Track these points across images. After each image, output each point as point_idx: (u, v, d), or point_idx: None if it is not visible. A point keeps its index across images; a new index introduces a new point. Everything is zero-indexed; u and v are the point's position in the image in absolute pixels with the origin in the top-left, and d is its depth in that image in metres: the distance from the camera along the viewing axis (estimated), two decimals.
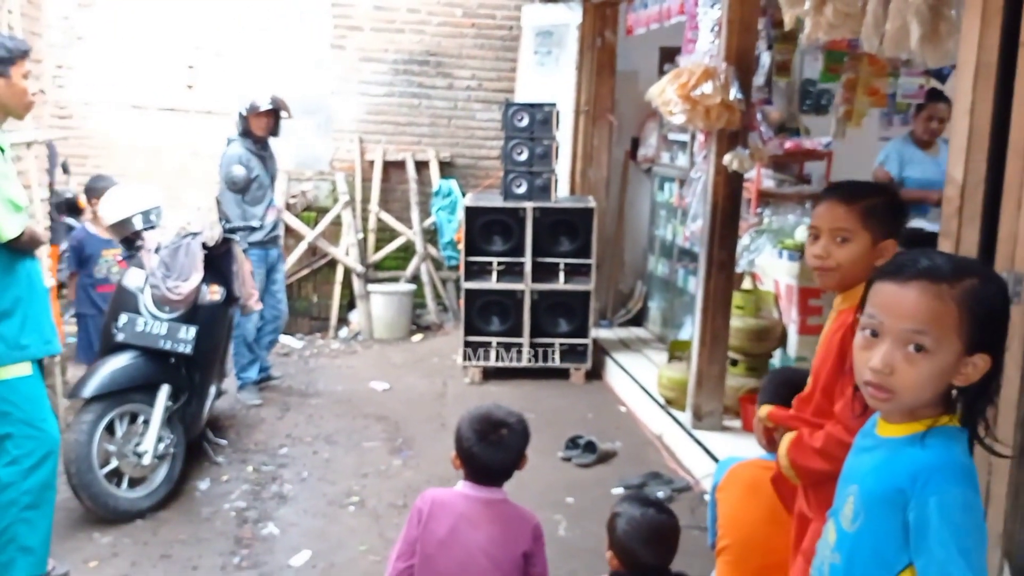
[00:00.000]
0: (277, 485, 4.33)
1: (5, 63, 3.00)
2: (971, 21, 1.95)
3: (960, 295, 1.40)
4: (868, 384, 1.46)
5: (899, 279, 1.44)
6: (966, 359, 1.41)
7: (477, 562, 2.37)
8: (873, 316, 1.45)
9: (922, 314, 1.40)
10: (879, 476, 1.48)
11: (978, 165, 1.91)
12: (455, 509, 2.42)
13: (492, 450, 2.41)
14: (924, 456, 1.42)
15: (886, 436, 1.51)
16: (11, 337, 3.01)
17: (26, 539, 3.09)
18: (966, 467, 1.42)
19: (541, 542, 2.45)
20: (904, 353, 1.41)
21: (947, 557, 1.35)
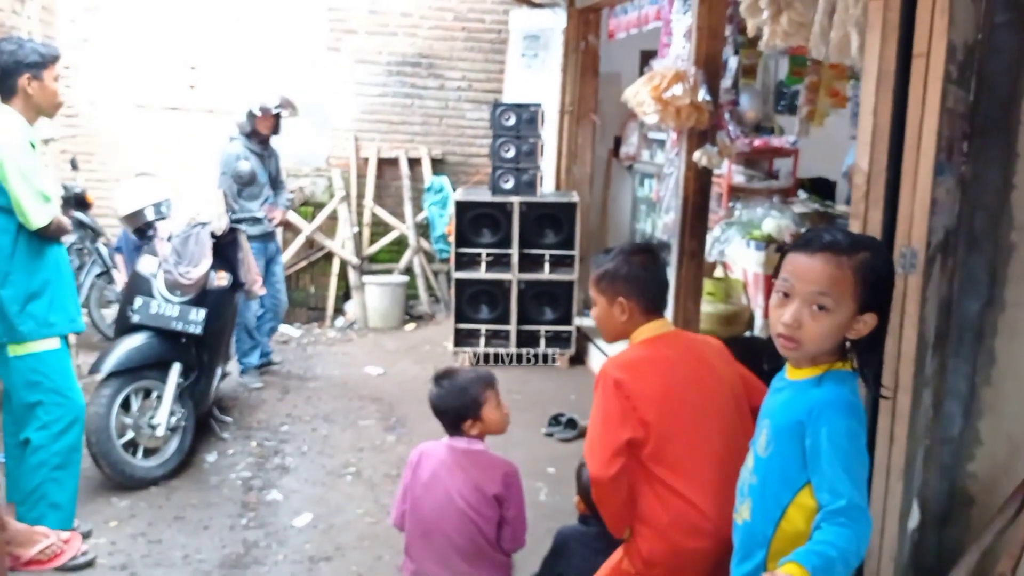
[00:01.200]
0: (279, 458, 4.65)
1: (39, 67, 3.32)
2: (873, 36, 2.29)
3: (856, 265, 1.74)
4: (780, 336, 1.80)
5: (808, 251, 1.78)
6: (858, 317, 1.75)
7: (453, 503, 2.72)
8: (786, 280, 1.79)
9: (825, 280, 1.73)
10: (785, 411, 1.82)
11: (880, 156, 2.25)
12: (437, 457, 2.78)
13: (441, 393, 2.78)
14: (819, 394, 1.76)
15: (792, 379, 1.85)
16: (40, 315, 3.33)
17: (55, 496, 3.42)
18: (852, 403, 1.76)
19: (514, 488, 2.78)
20: (810, 311, 1.75)
21: (834, 475, 1.68)
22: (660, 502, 2.25)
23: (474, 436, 2.80)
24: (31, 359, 3.33)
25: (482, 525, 2.75)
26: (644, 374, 2.29)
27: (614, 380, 2.27)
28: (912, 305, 2.18)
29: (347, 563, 3.59)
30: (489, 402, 2.80)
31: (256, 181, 5.69)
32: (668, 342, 2.39)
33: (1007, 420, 2.41)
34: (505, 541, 2.78)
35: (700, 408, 2.28)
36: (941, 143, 2.18)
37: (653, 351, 2.37)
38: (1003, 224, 2.42)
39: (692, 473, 2.23)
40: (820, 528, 1.63)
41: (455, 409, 2.78)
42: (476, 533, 2.75)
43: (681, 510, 2.21)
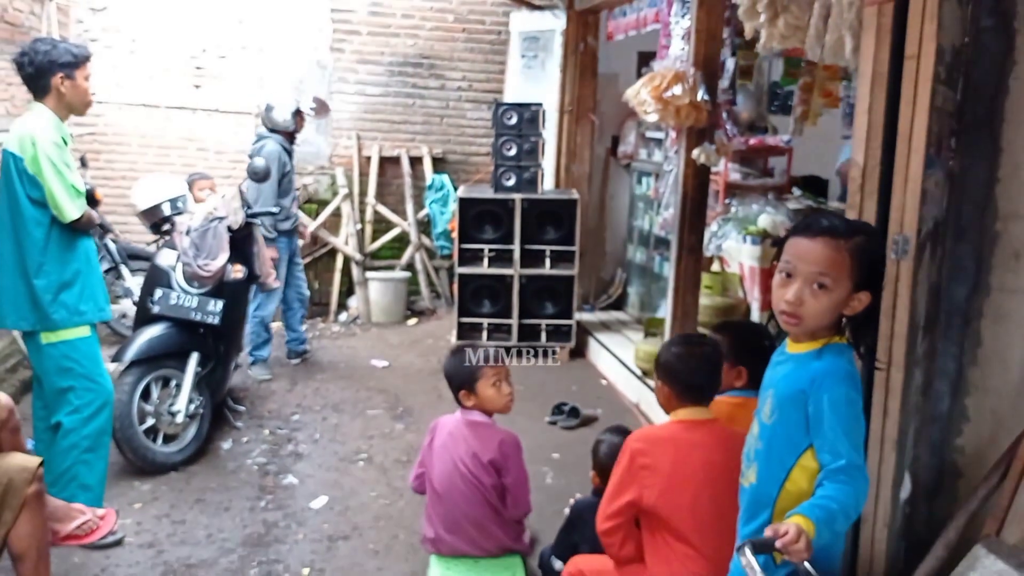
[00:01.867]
0: (292, 445, 4.81)
1: (72, 67, 3.47)
2: (867, 40, 2.47)
3: (852, 248, 1.91)
4: (783, 313, 1.97)
5: (808, 235, 1.95)
6: (854, 295, 1.92)
7: (457, 470, 2.92)
8: (789, 262, 1.96)
9: (824, 261, 1.91)
10: (788, 382, 1.99)
11: (875, 152, 2.43)
12: (447, 428, 3.00)
13: (449, 361, 2.99)
14: (820, 365, 1.93)
15: (793, 352, 2.02)
16: (72, 304, 3.48)
17: (85, 478, 3.57)
18: (851, 372, 1.94)
19: (511, 456, 2.95)
20: (811, 290, 1.92)
21: (835, 437, 1.86)
22: (662, 557, 2.45)
23: (469, 407, 2.98)
24: (63, 346, 3.47)
25: (484, 491, 2.93)
26: (660, 449, 2.49)
27: (632, 449, 2.50)
28: (904, 288, 2.36)
29: (364, 541, 3.75)
30: (485, 378, 2.98)
31: (289, 178, 5.88)
32: (694, 427, 2.55)
33: (991, 397, 2.59)
34: (508, 507, 2.95)
35: (705, 487, 2.42)
36: (931, 139, 2.35)
37: (676, 431, 2.55)
38: (988, 215, 2.60)
39: (691, 539, 2.41)
40: (822, 485, 1.80)
41: (453, 378, 3.01)
42: (480, 499, 2.93)
43: (677, 569, 2.41)
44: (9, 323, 3.49)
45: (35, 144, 3.31)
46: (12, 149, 3.33)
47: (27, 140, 3.31)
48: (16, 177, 3.33)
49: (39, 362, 3.51)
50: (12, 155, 3.32)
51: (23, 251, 3.38)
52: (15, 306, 3.43)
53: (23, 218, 3.36)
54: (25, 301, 3.41)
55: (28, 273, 3.38)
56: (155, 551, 3.58)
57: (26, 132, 3.33)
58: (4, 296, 3.43)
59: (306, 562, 3.55)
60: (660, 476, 2.44)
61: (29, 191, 3.34)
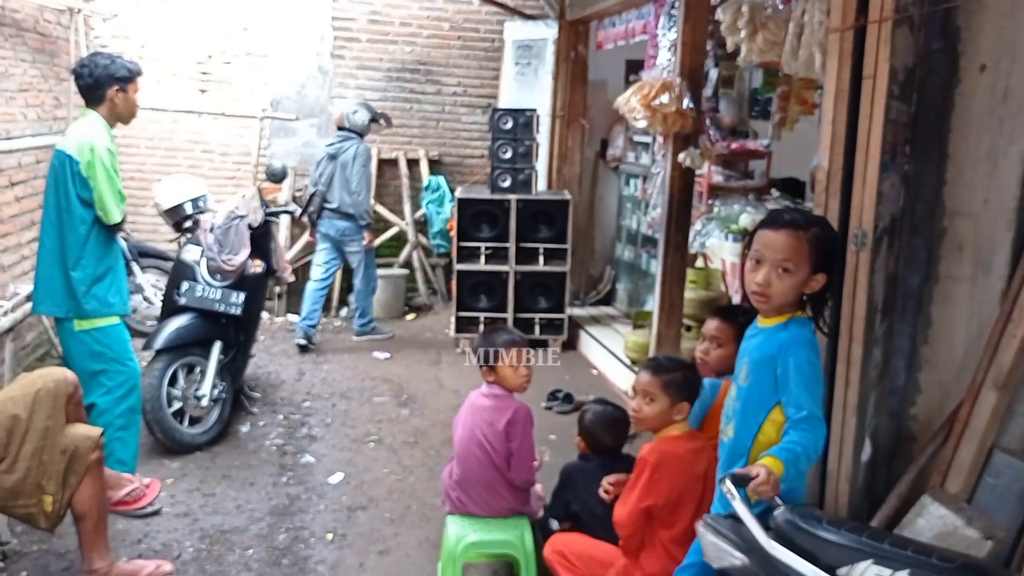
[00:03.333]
0: (306, 428, 5.14)
1: (126, 81, 3.82)
2: (832, 62, 2.85)
3: (810, 237, 2.29)
4: (754, 293, 2.35)
5: (774, 227, 2.33)
6: (812, 277, 2.30)
7: (474, 435, 3.28)
8: (758, 251, 2.34)
9: (787, 249, 2.29)
10: (760, 350, 2.37)
11: (838, 157, 2.80)
12: (471, 400, 3.35)
13: (479, 340, 3.36)
14: (786, 335, 2.32)
15: (763, 326, 2.40)
16: (102, 296, 3.81)
17: (121, 453, 3.91)
18: (811, 340, 2.32)
19: (520, 424, 3.28)
20: (776, 273, 2.30)
21: (799, 393, 2.24)
22: (657, 555, 2.83)
23: (491, 383, 3.34)
24: (95, 332, 3.81)
25: (496, 457, 3.27)
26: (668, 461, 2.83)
27: (652, 461, 2.82)
28: (863, 275, 2.73)
29: (380, 511, 4.10)
30: (505, 358, 3.33)
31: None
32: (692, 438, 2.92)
33: (940, 371, 2.97)
34: (512, 470, 3.29)
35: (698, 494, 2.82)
36: (885, 147, 2.73)
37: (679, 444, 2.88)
38: (937, 212, 2.98)
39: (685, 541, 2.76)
40: (788, 433, 2.18)
41: (478, 356, 3.35)
42: (491, 464, 3.27)
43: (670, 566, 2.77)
44: (44, 309, 3.83)
45: (93, 151, 3.64)
46: (70, 151, 3.66)
47: (86, 146, 3.65)
48: (70, 178, 3.66)
49: (71, 347, 3.83)
50: (69, 157, 3.65)
51: (65, 245, 3.70)
52: (50, 294, 3.76)
53: (71, 215, 3.69)
54: (61, 290, 3.74)
55: (67, 265, 3.71)
56: (190, 519, 3.92)
57: (85, 138, 3.67)
58: (41, 284, 3.77)
59: (329, 528, 3.90)
60: (667, 485, 2.79)
61: (80, 191, 3.67)
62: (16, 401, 2.98)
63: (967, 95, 2.87)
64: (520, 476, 3.35)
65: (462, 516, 3.32)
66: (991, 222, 2.77)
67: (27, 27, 5.14)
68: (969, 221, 2.85)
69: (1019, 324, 2.55)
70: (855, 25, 2.74)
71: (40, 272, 3.79)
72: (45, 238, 3.78)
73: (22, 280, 5.04)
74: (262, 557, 3.62)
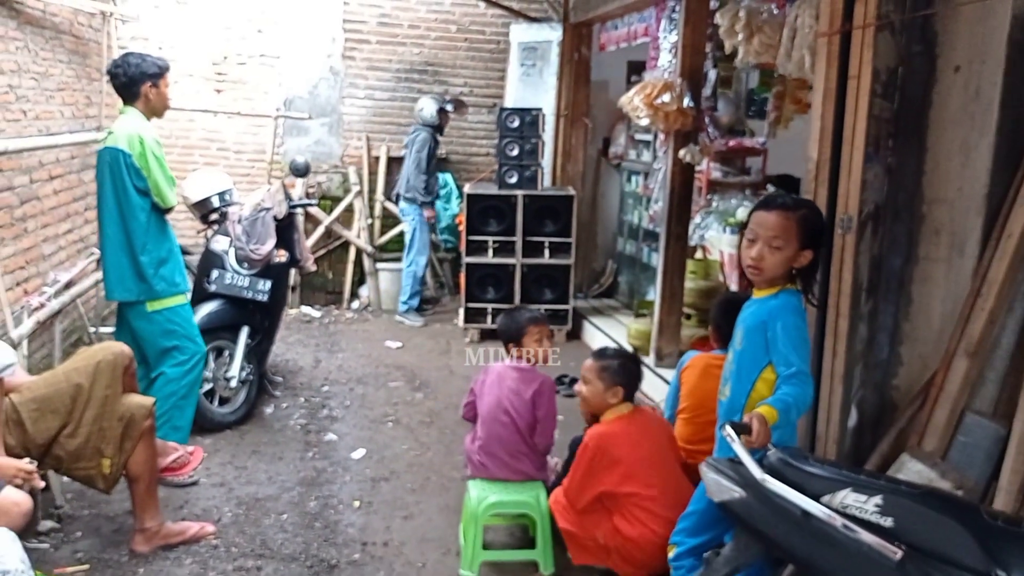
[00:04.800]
0: (327, 410, 5.43)
1: (157, 76, 4.11)
2: (820, 64, 3.15)
3: (798, 218, 2.59)
4: (748, 267, 2.65)
5: (767, 209, 2.63)
6: (800, 253, 2.60)
7: (500, 404, 3.57)
8: (753, 229, 2.64)
9: (778, 227, 2.59)
10: (753, 317, 2.66)
11: (826, 149, 3.10)
12: (496, 371, 3.64)
13: (502, 319, 3.68)
14: (776, 302, 2.62)
15: (757, 297, 2.70)
16: (168, 277, 4.13)
17: (178, 420, 4.23)
18: (798, 307, 2.62)
19: (546, 394, 3.60)
20: (768, 249, 2.60)
21: (787, 352, 2.53)
22: (628, 521, 3.19)
23: (518, 357, 3.63)
24: (167, 312, 4.13)
25: (520, 425, 3.56)
26: (616, 442, 3.24)
27: (593, 447, 3.25)
28: (848, 256, 3.04)
29: (402, 482, 4.39)
30: (530, 335, 3.63)
31: (437, 162, 7.65)
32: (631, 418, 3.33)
33: (919, 345, 3.27)
34: (537, 435, 3.59)
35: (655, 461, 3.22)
36: (869, 140, 3.03)
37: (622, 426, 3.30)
38: (917, 200, 3.28)
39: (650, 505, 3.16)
40: (780, 388, 2.47)
41: (504, 333, 3.66)
42: (515, 431, 3.56)
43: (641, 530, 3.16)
44: (117, 295, 4.13)
45: (142, 142, 3.94)
46: (121, 146, 3.95)
47: (135, 139, 3.94)
48: (125, 170, 3.96)
49: (144, 328, 4.13)
50: (121, 151, 3.95)
51: (130, 233, 4.01)
52: (121, 280, 4.06)
53: (130, 205, 3.99)
54: (130, 275, 4.04)
55: (135, 251, 4.01)
56: (226, 489, 4.21)
57: (133, 132, 3.96)
58: (112, 273, 4.07)
59: (355, 496, 4.19)
60: (621, 464, 3.18)
61: (135, 182, 3.98)
62: (79, 371, 3.27)
63: (943, 93, 3.17)
64: (544, 442, 3.65)
65: (483, 480, 3.61)
66: (964, 208, 3.06)
67: (64, 30, 5.43)
68: (945, 208, 3.15)
69: (987, 298, 2.85)
70: (841, 30, 3.04)
71: (109, 262, 4.08)
72: (108, 230, 4.07)
73: (61, 268, 5.33)
74: (296, 521, 3.91)
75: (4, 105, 4.51)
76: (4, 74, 4.50)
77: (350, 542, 3.74)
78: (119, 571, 3.41)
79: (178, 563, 3.49)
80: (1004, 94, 2.92)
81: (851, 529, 1.93)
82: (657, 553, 3.09)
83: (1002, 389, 2.92)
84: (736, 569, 2.24)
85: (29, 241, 4.90)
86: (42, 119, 5.05)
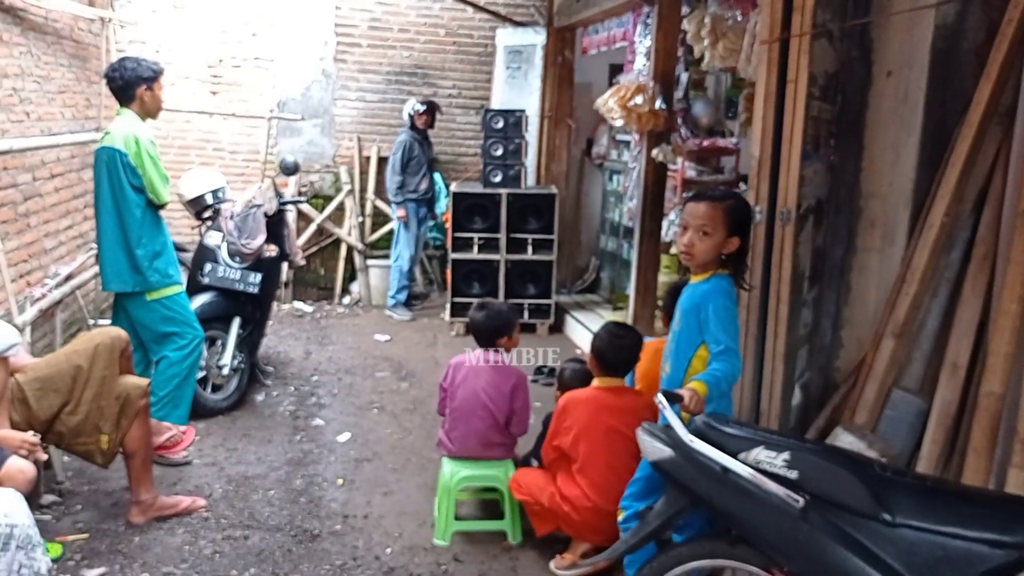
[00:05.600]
0: (315, 398, 5.68)
1: (151, 80, 4.37)
2: (762, 69, 3.41)
3: (725, 207, 2.85)
4: (682, 252, 2.91)
5: (697, 200, 2.89)
6: (727, 240, 2.86)
7: (479, 397, 3.80)
8: (685, 219, 2.90)
9: (706, 217, 2.84)
10: (689, 300, 2.92)
11: (767, 148, 3.36)
12: (469, 365, 3.86)
13: (482, 315, 3.87)
14: (707, 286, 2.87)
15: (693, 282, 2.96)
16: (163, 269, 4.39)
17: (178, 401, 4.52)
18: (728, 290, 2.87)
19: (521, 387, 3.86)
20: (698, 236, 2.85)
21: (717, 331, 2.77)
22: (567, 481, 3.52)
23: (506, 349, 3.88)
24: (165, 300, 4.40)
25: (497, 416, 3.81)
26: (579, 408, 3.52)
27: (560, 407, 3.60)
28: (788, 246, 3.29)
29: (384, 463, 4.65)
30: (516, 328, 3.90)
31: (418, 161, 7.74)
32: (608, 392, 3.57)
33: (857, 328, 3.54)
34: (513, 425, 3.85)
35: (604, 438, 3.46)
36: (807, 140, 3.29)
37: (594, 395, 3.57)
38: (856, 195, 3.55)
39: (589, 473, 3.46)
40: (710, 364, 2.73)
41: (496, 327, 3.87)
42: (492, 422, 3.81)
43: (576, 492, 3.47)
44: (114, 286, 4.39)
45: (138, 142, 4.20)
46: (117, 146, 4.21)
47: (131, 139, 4.21)
48: (121, 169, 4.22)
49: (144, 316, 4.39)
50: (118, 151, 4.21)
51: (125, 228, 4.26)
52: (117, 273, 4.32)
53: (126, 202, 4.25)
54: (126, 268, 4.30)
55: (130, 245, 4.27)
56: (217, 468, 4.46)
57: (129, 133, 4.22)
58: (109, 266, 4.33)
59: (339, 475, 4.45)
60: (576, 428, 3.48)
61: (131, 179, 4.24)
62: (79, 354, 3.53)
63: (877, 96, 3.44)
64: (520, 430, 3.92)
65: (457, 459, 3.86)
66: (895, 202, 3.34)
67: (64, 35, 5.69)
68: (879, 202, 3.42)
69: (911, 284, 3.12)
70: (780, 38, 3.30)
71: (106, 255, 4.34)
72: (105, 225, 4.33)
73: (62, 262, 5.60)
74: (282, 496, 4.16)
75: (8, 107, 4.76)
76: (8, 77, 4.76)
77: (332, 515, 4.00)
78: (116, 540, 3.67)
79: (171, 532, 3.75)
80: (928, 97, 3.19)
81: (761, 481, 2.20)
82: (591, 518, 3.41)
83: (927, 367, 3.19)
84: (666, 521, 2.49)
85: (32, 236, 5.16)
86: (44, 120, 5.31)
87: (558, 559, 3.60)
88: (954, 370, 3.01)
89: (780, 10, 3.29)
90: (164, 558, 3.55)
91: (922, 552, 2.04)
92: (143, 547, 3.63)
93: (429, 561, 3.64)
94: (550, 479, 3.60)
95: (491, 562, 3.66)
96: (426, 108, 7.81)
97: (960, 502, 2.12)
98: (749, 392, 3.46)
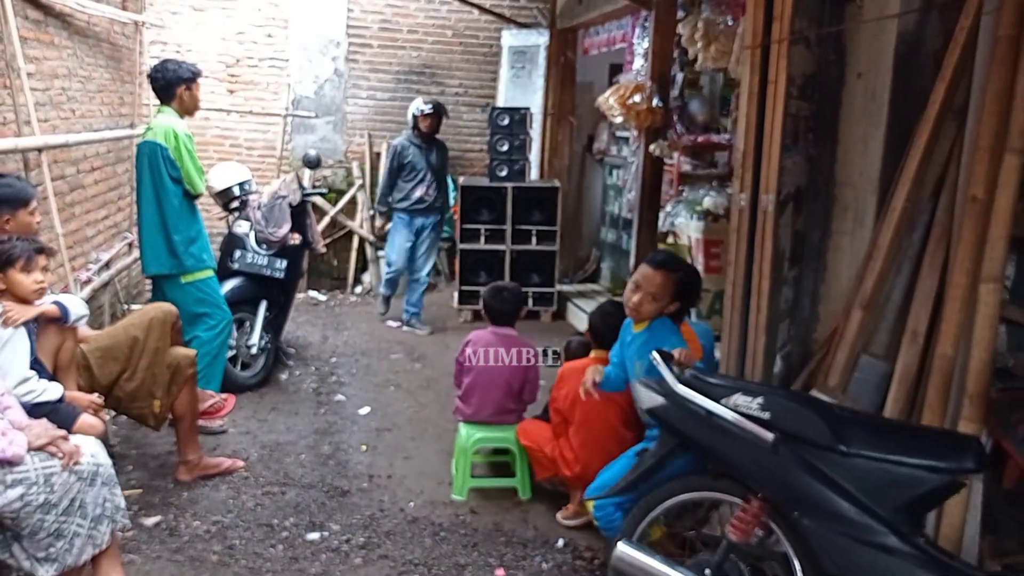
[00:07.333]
0: (335, 377, 6.09)
1: (191, 80, 4.78)
2: (745, 70, 3.81)
3: (676, 279, 3.37)
4: (630, 309, 3.42)
5: (652, 266, 3.39)
6: (670, 304, 3.33)
7: (503, 373, 4.21)
8: (637, 281, 3.38)
9: (658, 286, 3.35)
10: (640, 349, 3.35)
11: (751, 142, 3.76)
12: (487, 340, 4.27)
13: (499, 301, 4.27)
14: (646, 334, 3.32)
15: (635, 332, 3.42)
16: (197, 254, 4.79)
17: (212, 374, 4.92)
18: (667, 330, 3.35)
19: (536, 356, 4.27)
20: (648, 299, 3.35)
21: None
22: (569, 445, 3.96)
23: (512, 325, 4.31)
24: (198, 283, 4.80)
25: (514, 384, 4.23)
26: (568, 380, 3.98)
27: (558, 377, 4.10)
28: (769, 229, 3.69)
29: (403, 432, 5.06)
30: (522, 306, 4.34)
31: (412, 167, 7.27)
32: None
33: (832, 303, 3.94)
34: (526, 392, 4.27)
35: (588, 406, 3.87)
36: (786, 134, 3.68)
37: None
38: (831, 183, 3.95)
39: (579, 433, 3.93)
40: None
41: (515, 308, 4.30)
42: (508, 390, 4.23)
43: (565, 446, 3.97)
44: (153, 269, 4.78)
45: (176, 137, 4.61)
46: (158, 140, 4.61)
47: (170, 134, 4.61)
48: (162, 161, 4.62)
49: (179, 297, 4.77)
50: (159, 145, 4.61)
51: (165, 216, 4.66)
52: (156, 257, 4.72)
53: (166, 191, 4.64)
54: (164, 252, 4.70)
55: (168, 231, 4.67)
56: (251, 436, 4.88)
57: (169, 128, 4.63)
58: (148, 251, 4.73)
59: (363, 442, 4.87)
60: (572, 394, 3.90)
61: (170, 171, 4.64)
62: (136, 326, 3.94)
63: (850, 95, 3.84)
64: (531, 397, 4.36)
65: (472, 423, 4.28)
66: (864, 189, 3.74)
67: (103, 38, 6.08)
68: (851, 189, 3.83)
69: (877, 261, 3.52)
70: (761, 44, 3.70)
71: (146, 241, 4.74)
72: (146, 213, 4.72)
73: (101, 249, 6.01)
74: (312, 460, 4.58)
75: (58, 104, 5.16)
76: (58, 78, 5.16)
77: (359, 475, 4.42)
78: (167, 494, 4.08)
79: (215, 489, 4.17)
80: (892, 96, 3.59)
81: (739, 421, 2.61)
82: (583, 473, 3.84)
83: (892, 335, 3.59)
84: (660, 459, 2.91)
85: (76, 224, 5.56)
86: (86, 117, 5.70)
87: (563, 510, 4.02)
88: (914, 337, 3.40)
89: (761, 18, 3.69)
90: (212, 509, 3.96)
91: (872, 477, 2.46)
92: (192, 500, 4.04)
93: (449, 512, 4.05)
94: (553, 435, 4.03)
95: (504, 514, 4.08)
96: (432, 111, 7.24)
97: (904, 435, 2.54)
98: (734, 362, 3.86)
